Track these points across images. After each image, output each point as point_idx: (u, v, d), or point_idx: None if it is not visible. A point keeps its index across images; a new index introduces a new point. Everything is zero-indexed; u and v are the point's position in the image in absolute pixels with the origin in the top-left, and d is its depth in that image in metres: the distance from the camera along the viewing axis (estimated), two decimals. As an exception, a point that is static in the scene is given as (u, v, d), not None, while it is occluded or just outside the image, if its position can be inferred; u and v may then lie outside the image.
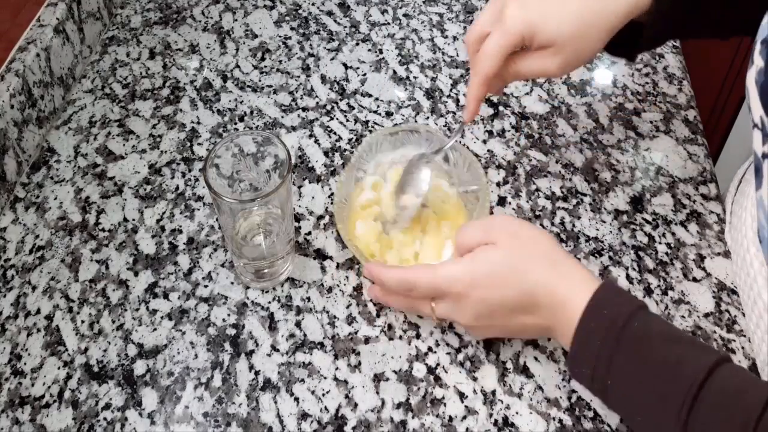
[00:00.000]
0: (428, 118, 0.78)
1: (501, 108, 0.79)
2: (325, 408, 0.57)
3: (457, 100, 0.79)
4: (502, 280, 0.52)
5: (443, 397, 0.57)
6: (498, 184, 0.72)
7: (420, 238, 0.64)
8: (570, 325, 0.50)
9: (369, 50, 0.85)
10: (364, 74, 0.82)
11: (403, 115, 0.78)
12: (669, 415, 0.45)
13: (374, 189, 0.66)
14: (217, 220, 0.68)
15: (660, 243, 0.67)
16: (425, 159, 0.65)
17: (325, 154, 0.74)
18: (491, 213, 0.68)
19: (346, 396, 0.57)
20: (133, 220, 0.69)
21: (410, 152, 0.67)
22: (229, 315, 0.62)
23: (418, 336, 0.61)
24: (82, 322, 0.61)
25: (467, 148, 0.75)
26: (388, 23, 0.88)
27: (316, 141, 0.75)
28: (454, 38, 0.86)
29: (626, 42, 0.60)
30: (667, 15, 0.57)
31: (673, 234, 0.68)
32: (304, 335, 0.61)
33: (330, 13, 0.90)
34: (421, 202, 0.63)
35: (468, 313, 0.54)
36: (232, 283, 0.64)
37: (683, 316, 0.62)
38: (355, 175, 0.66)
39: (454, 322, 0.58)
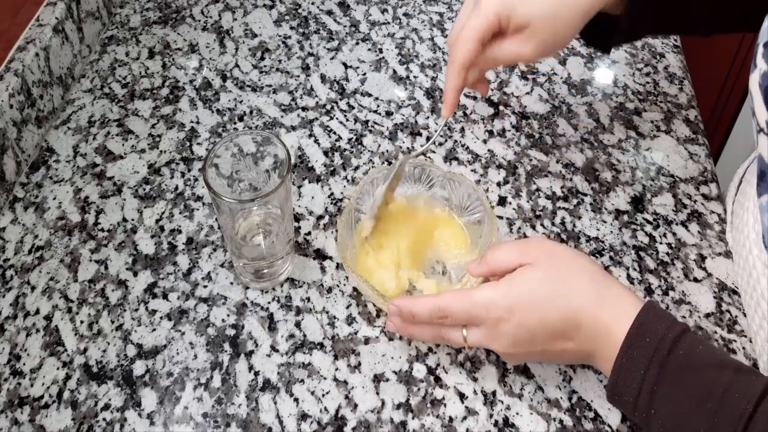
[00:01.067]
0: (428, 117, 0.77)
1: (501, 108, 0.79)
2: (325, 409, 0.57)
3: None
4: (544, 302, 0.50)
5: (443, 398, 0.57)
6: (498, 184, 0.71)
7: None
8: (612, 352, 0.48)
9: (369, 50, 0.85)
10: (364, 74, 0.82)
11: (403, 115, 0.78)
12: None
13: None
14: (216, 220, 0.68)
15: (661, 243, 0.67)
16: (408, 159, 0.63)
17: (325, 153, 0.74)
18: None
19: (346, 396, 0.57)
20: (133, 220, 0.68)
21: (405, 189, 0.66)
22: (228, 315, 0.62)
23: (418, 336, 0.61)
24: (81, 322, 0.61)
25: (468, 149, 0.75)
26: (388, 22, 0.88)
27: (316, 141, 0.75)
28: (455, 38, 0.86)
29: (603, 33, 0.60)
30: (641, 8, 0.57)
31: (674, 234, 0.68)
32: (304, 336, 0.61)
33: (330, 13, 0.90)
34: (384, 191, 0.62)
35: (506, 340, 0.51)
36: (232, 283, 0.64)
37: (684, 317, 0.62)
38: (353, 216, 0.64)
39: (489, 348, 0.55)
